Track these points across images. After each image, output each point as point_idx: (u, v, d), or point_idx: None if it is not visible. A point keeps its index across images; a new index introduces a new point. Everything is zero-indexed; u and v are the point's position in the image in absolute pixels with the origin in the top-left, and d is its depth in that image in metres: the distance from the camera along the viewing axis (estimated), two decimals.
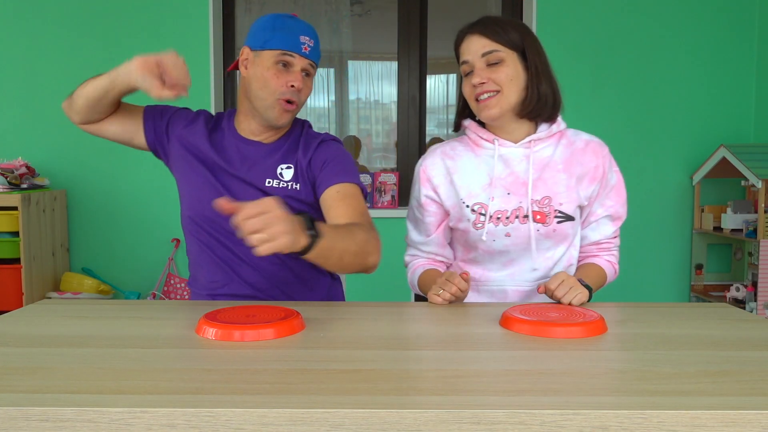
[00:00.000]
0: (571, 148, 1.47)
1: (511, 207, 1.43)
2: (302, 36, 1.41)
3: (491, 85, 1.39)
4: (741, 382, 0.83)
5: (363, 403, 0.74)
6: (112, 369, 0.86)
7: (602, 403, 0.75)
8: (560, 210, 1.42)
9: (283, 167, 1.46)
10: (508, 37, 1.40)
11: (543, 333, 1.06)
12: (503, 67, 1.39)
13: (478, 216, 1.44)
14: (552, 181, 1.43)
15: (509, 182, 1.44)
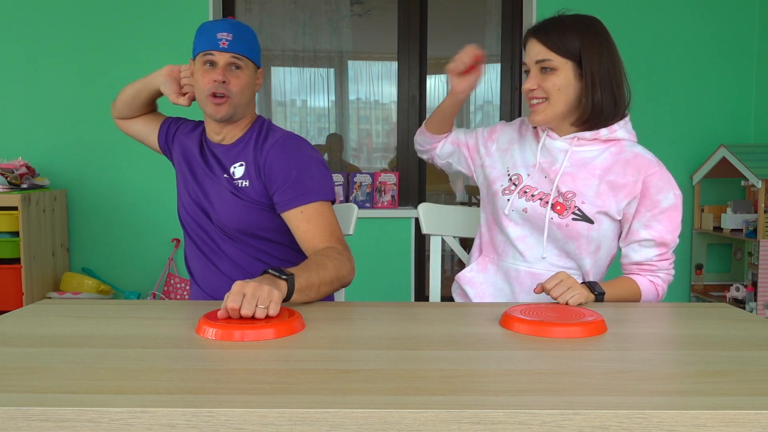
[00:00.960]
0: (617, 157, 1.45)
1: (540, 188, 1.48)
2: (219, 33, 1.48)
3: (540, 92, 1.44)
4: (741, 382, 0.83)
5: (363, 403, 0.74)
6: (112, 369, 0.86)
7: (602, 403, 0.75)
8: (580, 208, 1.43)
9: (236, 165, 1.54)
10: (565, 45, 1.41)
11: (543, 333, 1.06)
12: (554, 76, 1.42)
13: (510, 184, 1.52)
14: (583, 181, 1.45)
15: (545, 167, 1.50)
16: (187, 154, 1.62)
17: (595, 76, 1.41)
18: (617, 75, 1.44)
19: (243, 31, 1.50)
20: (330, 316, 1.20)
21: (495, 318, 1.17)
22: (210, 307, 1.22)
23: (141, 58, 3.10)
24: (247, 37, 1.51)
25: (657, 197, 1.41)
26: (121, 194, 3.16)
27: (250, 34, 1.52)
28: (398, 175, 3.29)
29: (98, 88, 3.11)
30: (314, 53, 3.56)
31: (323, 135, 3.65)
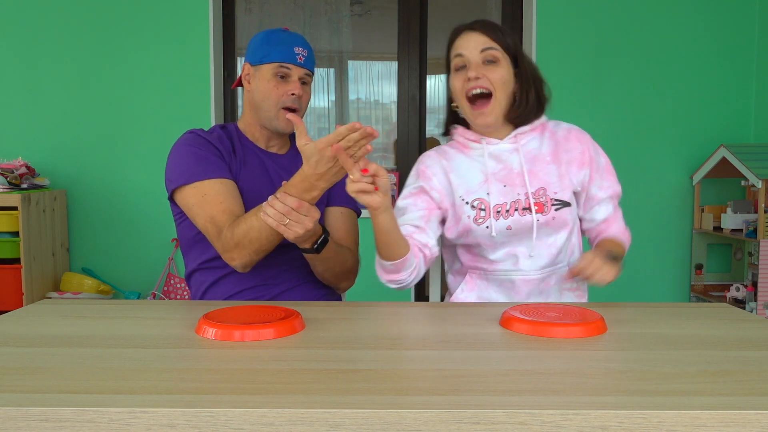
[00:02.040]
0: (554, 139, 1.51)
1: (509, 200, 1.46)
2: (296, 47, 1.50)
3: (485, 81, 1.41)
4: (741, 382, 0.83)
5: (363, 403, 0.74)
6: (112, 369, 0.86)
7: (602, 403, 0.75)
8: (556, 198, 1.45)
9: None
10: (506, 40, 1.44)
11: (543, 333, 1.06)
12: (498, 67, 1.42)
13: (478, 212, 1.45)
14: (543, 172, 1.47)
15: (504, 175, 1.47)
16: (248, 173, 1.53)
17: (530, 75, 1.46)
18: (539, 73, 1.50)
19: (311, 48, 1.56)
20: (330, 316, 1.20)
21: (495, 318, 1.17)
22: (210, 307, 1.22)
23: (141, 59, 3.10)
24: (312, 54, 1.56)
25: (597, 159, 1.52)
26: (121, 194, 3.16)
27: (312, 51, 1.56)
28: (398, 175, 3.29)
29: (98, 88, 3.11)
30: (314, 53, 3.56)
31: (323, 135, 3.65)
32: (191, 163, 1.45)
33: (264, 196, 1.41)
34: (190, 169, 1.44)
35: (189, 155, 1.46)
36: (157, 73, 3.10)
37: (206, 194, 1.42)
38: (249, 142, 1.57)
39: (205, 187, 1.43)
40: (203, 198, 1.42)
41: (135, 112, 3.12)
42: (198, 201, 1.42)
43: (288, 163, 1.59)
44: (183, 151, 1.48)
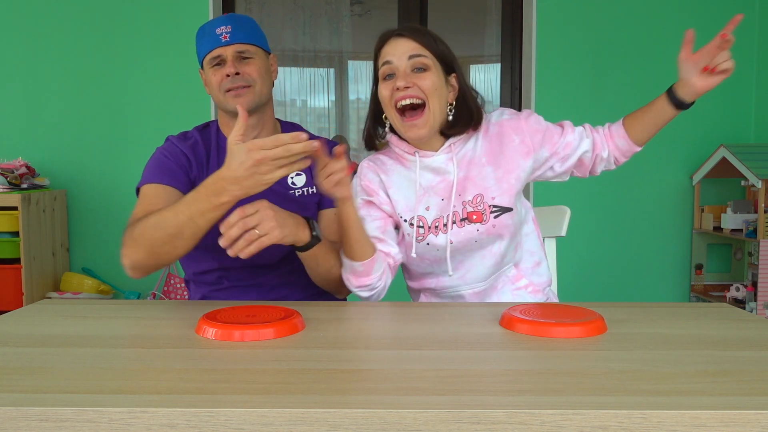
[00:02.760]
0: (488, 137, 1.43)
1: (446, 213, 1.40)
2: (217, 29, 1.41)
3: (416, 90, 1.32)
4: (741, 382, 0.83)
5: (363, 403, 0.74)
6: (112, 369, 0.86)
7: (602, 403, 0.75)
8: (494, 204, 1.39)
9: (293, 175, 1.50)
10: (437, 46, 1.35)
11: (543, 333, 1.06)
12: (429, 74, 1.33)
13: (417, 229, 1.41)
14: (479, 177, 1.40)
15: (441, 188, 1.41)
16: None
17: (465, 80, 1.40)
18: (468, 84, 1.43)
19: (241, 21, 1.44)
20: (330, 316, 1.20)
21: (495, 318, 1.17)
22: (210, 307, 1.22)
23: (141, 58, 3.10)
24: (248, 25, 1.44)
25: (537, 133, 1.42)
26: (122, 194, 3.16)
27: (249, 22, 1.45)
28: None
29: (98, 89, 3.11)
30: (314, 53, 3.56)
31: (323, 135, 3.65)
32: (151, 169, 1.42)
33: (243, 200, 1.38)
34: (146, 175, 1.41)
35: (155, 161, 1.43)
36: (157, 73, 3.10)
37: (146, 195, 1.37)
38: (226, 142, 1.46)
39: (148, 190, 1.38)
40: (142, 199, 1.38)
41: (135, 112, 3.12)
42: (138, 202, 1.38)
43: None
44: (152, 157, 1.45)
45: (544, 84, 3.16)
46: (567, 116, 1.59)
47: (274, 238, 1.15)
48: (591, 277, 3.23)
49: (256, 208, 1.13)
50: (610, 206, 3.22)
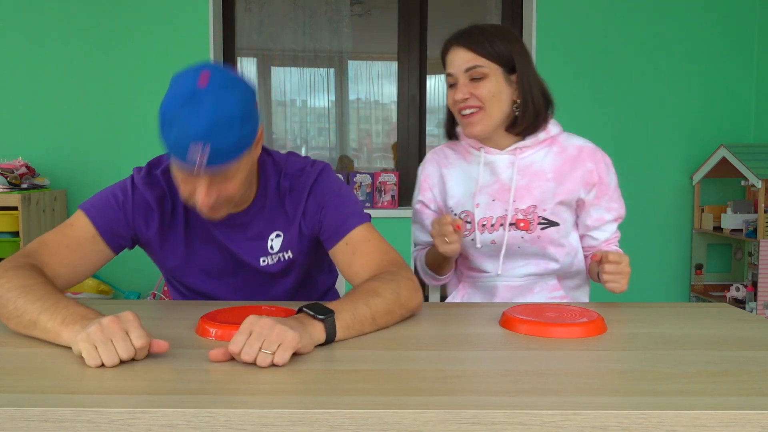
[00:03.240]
0: (564, 156, 1.48)
1: (495, 215, 1.46)
2: (193, 144, 1.04)
3: (473, 100, 1.39)
4: (741, 382, 0.83)
5: (362, 403, 0.74)
6: (111, 369, 0.86)
7: (602, 404, 0.75)
8: (544, 216, 1.45)
9: (272, 237, 1.29)
10: (494, 50, 1.39)
11: (543, 333, 1.06)
12: (486, 82, 1.39)
13: (464, 224, 1.46)
14: (540, 189, 1.45)
15: (494, 190, 1.47)
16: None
17: (530, 78, 1.42)
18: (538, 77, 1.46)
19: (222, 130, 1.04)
20: None
21: (495, 318, 1.17)
22: (210, 307, 1.22)
23: (141, 58, 3.10)
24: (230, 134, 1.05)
25: (606, 180, 1.49)
26: None
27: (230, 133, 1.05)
28: (398, 175, 3.29)
29: (98, 88, 3.11)
30: (314, 53, 3.56)
31: (323, 135, 3.65)
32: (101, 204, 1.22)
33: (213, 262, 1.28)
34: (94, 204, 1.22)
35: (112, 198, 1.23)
36: (157, 73, 3.10)
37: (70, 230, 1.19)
38: None
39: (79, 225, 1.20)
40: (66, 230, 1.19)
41: (135, 112, 3.12)
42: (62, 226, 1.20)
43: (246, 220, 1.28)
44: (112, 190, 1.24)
45: None
46: (566, 116, 1.59)
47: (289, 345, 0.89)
48: None
49: (248, 330, 0.89)
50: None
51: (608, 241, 1.57)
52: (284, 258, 1.30)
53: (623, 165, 3.36)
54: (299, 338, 0.90)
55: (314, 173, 1.29)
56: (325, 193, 1.28)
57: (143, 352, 0.90)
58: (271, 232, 1.29)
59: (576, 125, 1.55)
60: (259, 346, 0.87)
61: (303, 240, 1.30)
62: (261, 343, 0.87)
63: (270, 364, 0.87)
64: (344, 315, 1.01)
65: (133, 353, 0.88)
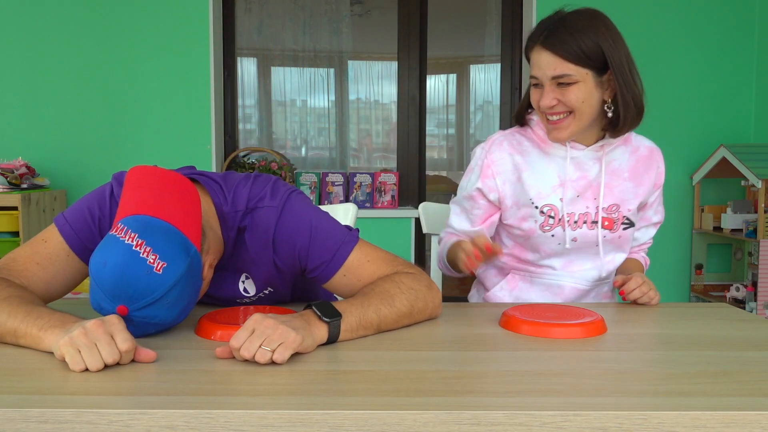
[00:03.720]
0: (636, 155, 1.46)
1: (579, 211, 1.41)
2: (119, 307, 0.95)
3: (561, 106, 1.32)
4: (741, 382, 0.83)
5: (362, 404, 0.74)
6: (111, 370, 0.86)
7: (602, 404, 0.74)
8: (627, 216, 1.44)
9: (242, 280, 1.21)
10: (584, 53, 1.28)
11: (543, 333, 1.05)
12: (575, 89, 1.30)
13: (546, 218, 1.40)
14: (619, 189, 1.43)
15: (580, 185, 1.41)
16: None
17: (625, 76, 1.32)
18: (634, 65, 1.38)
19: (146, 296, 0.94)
20: None
21: (495, 318, 1.17)
22: (210, 307, 1.22)
23: (141, 58, 3.09)
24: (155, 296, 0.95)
25: (663, 185, 1.51)
26: None
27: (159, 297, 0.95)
28: (398, 175, 3.29)
29: (98, 88, 3.11)
30: (314, 53, 3.56)
31: (323, 135, 3.65)
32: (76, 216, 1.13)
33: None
34: (69, 216, 1.13)
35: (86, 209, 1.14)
36: (157, 72, 3.10)
37: (44, 247, 1.11)
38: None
39: (53, 242, 1.12)
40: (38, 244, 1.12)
41: (135, 112, 3.12)
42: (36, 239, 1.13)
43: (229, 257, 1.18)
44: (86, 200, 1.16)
45: None
46: None
47: (291, 345, 0.89)
48: None
49: (251, 327, 0.89)
50: None
51: (642, 246, 1.57)
52: (267, 293, 1.23)
53: None
54: (301, 340, 0.90)
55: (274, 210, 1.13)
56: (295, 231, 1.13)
57: (128, 356, 0.88)
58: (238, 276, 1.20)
59: None
60: (260, 344, 0.87)
61: (283, 274, 1.19)
62: (262, 340, 0.87)
63: (269, 361, 0.87)
64: (351, 319, 1.00)
65: (118, 357, 0.87)
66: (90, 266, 0.96)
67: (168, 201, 1.02)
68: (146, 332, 1.00)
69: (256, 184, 1.16)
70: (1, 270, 1.08)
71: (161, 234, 0.96)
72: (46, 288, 1.12)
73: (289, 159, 3.40)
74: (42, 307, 0.99)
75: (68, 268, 1.13)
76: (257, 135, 3.57)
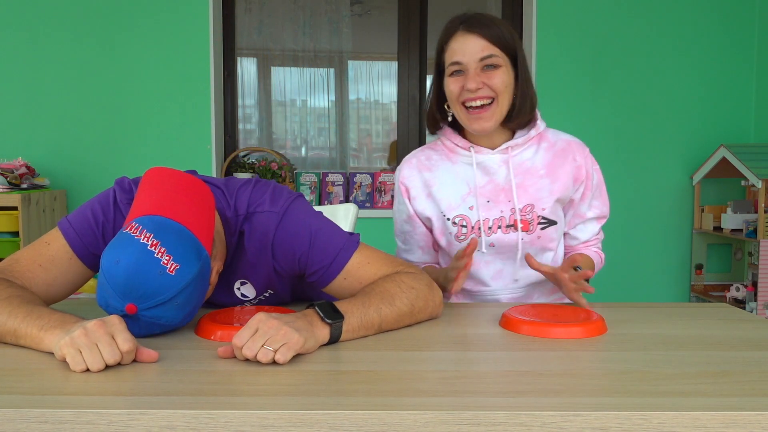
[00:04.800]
0: (553, 150, 1.43)
1: (493, 216, 1.39)
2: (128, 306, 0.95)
3: (487, 90, 1.31)
4: (741, 382, 0.83)
5: (363, 404, 0.74)
6: (111, 370, 0.86)
7: (602, 404, 0.74)
8: (543, 216, 1.40)
9: (237, 286, 1.21)
10: (506, 40, 1.32)
11: (543, 333, 1.05)
12: (499, 72, 1.31)
13: (459, 228, 1.40)
14: (534, 187, 1.40)
15: (489, 190, 1.40)
16: None
17: (527, 70, 1.36)
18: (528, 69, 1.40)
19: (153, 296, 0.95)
20: None
21: (495, 318, 1.17)
22: (211, 308, 1.22)
23: (141, 58, 3.09)
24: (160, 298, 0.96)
25: (593, 176, 1.45)
26: None
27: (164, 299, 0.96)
28: None
29: (98, 88, 3.10)
30: (314, 53, 3.55)
31: (323, 135, 3.65)
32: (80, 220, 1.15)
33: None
34: (73, 221, 1.15)
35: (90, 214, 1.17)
36: (157, 72, 3.10)
37: (47, 250, 1.12)
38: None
39: (56, 246, 1.13)
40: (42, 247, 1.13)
41: (135, 111, 3.12)
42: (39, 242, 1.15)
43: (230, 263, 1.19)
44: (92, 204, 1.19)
45: (543, 84, 3.15)
46: (566, 116, 1.59)
47: (293, 346, 0.89)
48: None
49: (255, 327, 0.89)
50: (610, 206, 3.22)
51: (588, 243, 1.52)
52: (267, 295, 1.24)
53: (623, 165, 3.37)
54: (304, 341, 0.91)
55: (274, 215, 1.14)
56: (294, 238, 1.14)
57: (130, 357, 0.89)
58: (232, 283, 1.21)
59: (576, 125, 1.54)
60: (263, 344, 0.88)
61: (282, 278, 1.19)
62: (265, 340, 0.88)
63: (271, 360, 0.87)
64: (352, 319, 1.01)
65: (119, 358, 0.87)
66: (102, 263, 0.96)
67: (183, 204, 1.03)
68: (151, 332, 1.01)
69: (256, 189, 1.17)
70: (3, 271, 1.09)
71: (175, 236, 0.97)
72: (47, 290, 1.12)
73: (289, 159, 3.40)
74: (42, 308, 0.99)
75: (70, 272, 1.14)
76: (257, 135, 3.57)
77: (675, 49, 3.18)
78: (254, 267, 1.17)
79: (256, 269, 1.17)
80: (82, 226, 1.15)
